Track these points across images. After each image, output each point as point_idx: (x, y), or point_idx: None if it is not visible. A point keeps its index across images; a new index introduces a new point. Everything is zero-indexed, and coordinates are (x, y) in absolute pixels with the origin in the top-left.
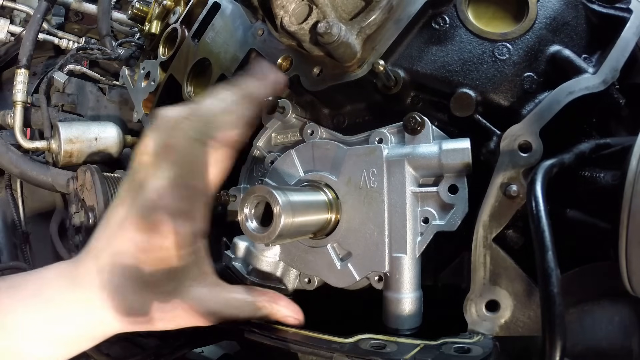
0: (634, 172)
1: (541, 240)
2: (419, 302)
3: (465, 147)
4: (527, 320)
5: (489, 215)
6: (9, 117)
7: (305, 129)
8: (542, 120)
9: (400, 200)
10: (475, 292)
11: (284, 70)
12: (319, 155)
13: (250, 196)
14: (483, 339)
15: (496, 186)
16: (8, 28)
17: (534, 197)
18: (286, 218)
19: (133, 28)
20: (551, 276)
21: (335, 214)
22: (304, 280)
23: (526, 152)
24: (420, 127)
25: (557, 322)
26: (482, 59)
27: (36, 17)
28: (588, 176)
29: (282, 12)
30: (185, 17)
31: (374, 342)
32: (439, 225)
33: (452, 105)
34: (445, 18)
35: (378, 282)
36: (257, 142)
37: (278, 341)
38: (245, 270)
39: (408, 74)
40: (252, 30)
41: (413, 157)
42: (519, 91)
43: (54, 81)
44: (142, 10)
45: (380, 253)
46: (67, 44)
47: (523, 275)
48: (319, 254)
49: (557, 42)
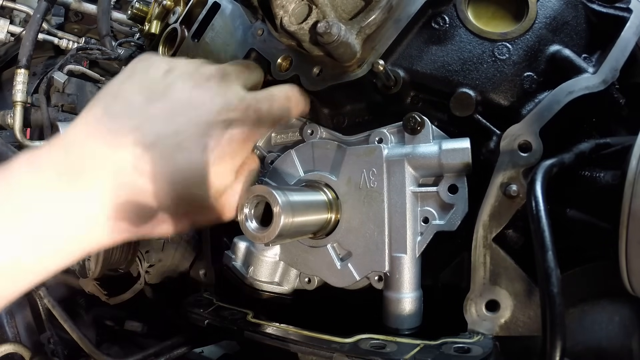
0: (634, 172)
1: (541, 240)
2: (419, 302)
3: (465, 147)
4: (527, 320)
5: (489, 215)
6: (9, 117)
7: (305, 129)
8: (542, 120)
9: (400, 200)
10: (475, 292)
11: (283, 70)
12: (319, 155)
13: (250, 196)
14: (483, 338)
15: (496, 186)
16: (8, 28)
17: (534, 197)
18: (286, 218)
19: (133, 28)
20: (551, 276)
21: (335, 213)
22: (304, 280)
23: (526, 151)
24: (420, 127)
25: (557, 322)
26: (482, 58)
27: (36, 17)
28: (588, 176)
29: (282, 12)
30: (185, 17)
31: (374, 342)
32: (439, 225)
33: (452, 105)
34: (445, 18)
35: (378, 282)
36: (257, 142)
37: (278, 341)
38: (245, 270)
39: (408, 74)
40: (252, 30)
41: (413, 157)
42: (518, 91)
43: (54, 81)
44: (141, 10)
45: (380, 253)
46: (67, 44)
47: (523, 275)
48: (319, 254)
49: (557, 41)
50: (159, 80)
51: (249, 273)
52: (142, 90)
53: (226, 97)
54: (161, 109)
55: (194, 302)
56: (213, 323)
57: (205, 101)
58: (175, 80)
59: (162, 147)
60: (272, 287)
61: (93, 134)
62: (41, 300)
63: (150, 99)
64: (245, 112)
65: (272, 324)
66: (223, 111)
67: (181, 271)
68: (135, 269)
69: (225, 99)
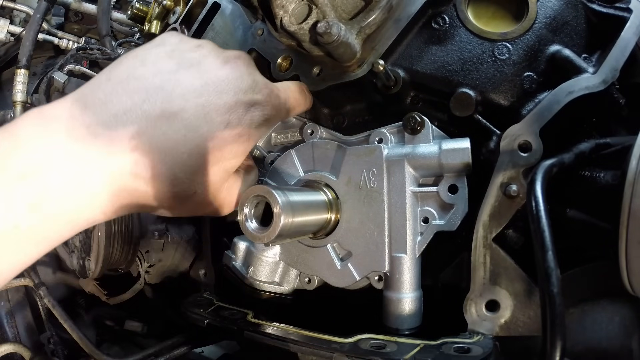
0: (634, 172)
1: (541, 240)
2: (419, 302)
3: (465, 147)
4: (527, 320)
5: (489, 215)
6: (9, 117)
7: (305, 129)
8: (542, 120)
9: (400, 200)
10: (475, 292)
11: (283, 70)
12: (319, 155)
13: (250, 196)
14: (483, 338)
15: (496, 186)
16: (8, 28)
17: (534, 197)
18: (286, 218)
19: (133, 28)
20: (551, 276)
21: (335, 213)
22: (304, 280)
23: (526, 151)
24: (420, 127)
25: (557, 322)
26: (482, 58)
27: (36, 17)
28: (588, 176)
29: (282, 12)
30: (185, 17)
31: (374, 342)
32: (439, 225)
33: (452, 105)
34: (445, 18)
35: (378, 282)
36: (257, 142)
37: (278, 341)
38: (245, 270)
39: (408, 74)
40: (252, 30)
41: (413, 157)
42: (518, 91)
43: (54, 81)
44: (141, 10)
45: (380, 253)
46: (67, 44)
47: (523, 275)
48: (319, 254)
49: (557, 41)
50: (189, 52)
51: (249, 273)
52: (172, 57)
53: (254, 78)
54: (192, 77)
55: (194, 302)
56: (213, 323)
57: (236, 78)
58: (207, 54)
59: (189, 116)
60: (272, 287)
61: (113, 95)
62: (41, 300)
63: (181, 65)
64: (269, 97)
65: (272, 324)
66: (250, 91)
67: (181, 271)
68: (135, 269)
69: (253, 79)
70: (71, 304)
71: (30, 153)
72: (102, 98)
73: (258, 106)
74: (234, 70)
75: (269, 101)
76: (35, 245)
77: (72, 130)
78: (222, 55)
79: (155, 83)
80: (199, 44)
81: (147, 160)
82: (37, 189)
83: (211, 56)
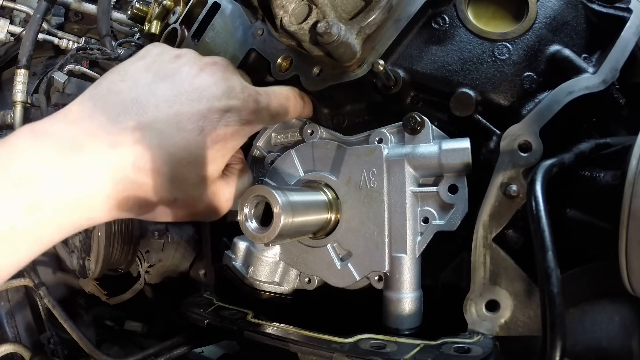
0: (634, 172)
1: (541, 240)
2: (419, 302)
3: (465, 147)
4: (527, 320)
5: (489, 215)
6: (9, 117)
7: (305, 129)
8: (542, 120)
9: (400, 200)
10: (475, 292)
11: (283, 70)
12: (319, 155)
13: (250, 196)
14: (483, 338)
15: (496, 186)
16: (8, 28)
17: (534, 197)
18: (286, 218)
19: (133, 28)
20: (551, 276)
21: (335, 213)
22: (304, 280)
23: (526, 151)
24: (420, 127)
25: (557, 322)
26: (482, 58)
27: (36, 17)
28: (588, 176)
29: (282, 12)
30: (185, 17)
31: (374, 342)
32: (439, 225)
33: (452, 105)
34: (445, 18)
35: (378, 282)
36: (257, 142)
37: (278, 341)
38: (245, 270)
39: (408, 74)
40: (252, 30)
41: (413, 157)
42: (518, 91)
43: (54, 81)
44: (141, 10)
45: (380, 253)
46: (67, 44)
47: (523, 275)
48: (319, 254)
49: (557, 41)
50: (167, 62)
51: (249, 273)
52: (150, 69)
53: (230, 83)
54: (165, 88)
55: (194, 302)
56: (213, 323)
57: (210, 85)
58: (184, 63)
59: (162, 125)
60: (272, 287)
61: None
62: (41, 300)
63: (157, 76)
64: (245, 101)
65: (272, 324)
66: (224, 97)
67: (181, 271)
68: (135, 269)
69: (228, 85)
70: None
71: (25, 163)
72: (84, 114)
73: (234, 111)
74: (209, 77)
75: (246, 106)
76: (31, 245)
77: (60, 145)
78: (199, 63)
79: (131, 96)
80: (178, 54)
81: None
82: (31, 194)
83: (188, 65)
